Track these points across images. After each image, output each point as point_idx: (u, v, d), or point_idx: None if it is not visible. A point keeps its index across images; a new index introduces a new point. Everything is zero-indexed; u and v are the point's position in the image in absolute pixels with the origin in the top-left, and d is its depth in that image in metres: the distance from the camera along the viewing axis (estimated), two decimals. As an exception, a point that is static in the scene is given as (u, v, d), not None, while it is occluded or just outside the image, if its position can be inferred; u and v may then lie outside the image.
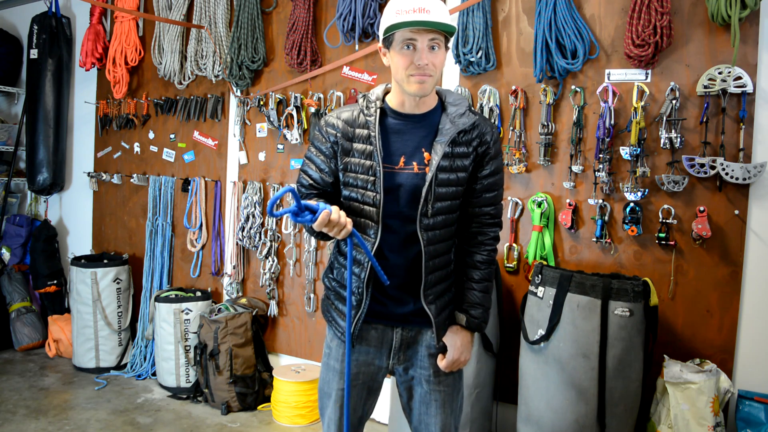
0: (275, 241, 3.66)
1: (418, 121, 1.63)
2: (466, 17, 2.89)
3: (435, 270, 1.64)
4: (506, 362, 2.81)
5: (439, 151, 1.57)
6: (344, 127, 1.64)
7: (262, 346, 3.57)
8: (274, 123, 3.55)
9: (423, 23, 1.47)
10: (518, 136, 2.85)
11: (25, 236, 4.64)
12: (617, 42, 2.65)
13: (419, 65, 1.50)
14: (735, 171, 2.34)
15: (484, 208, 1.68)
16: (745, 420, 2.30)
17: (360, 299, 1.64)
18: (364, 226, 1.62)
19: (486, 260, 1.70)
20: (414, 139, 1.62)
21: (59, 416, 3.26)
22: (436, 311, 1.65)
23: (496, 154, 1.66)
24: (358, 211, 1.62)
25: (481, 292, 1.69)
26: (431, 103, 1.64)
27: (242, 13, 3.57)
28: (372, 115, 1.61)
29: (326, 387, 1.78)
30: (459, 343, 1.67)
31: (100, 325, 3.94)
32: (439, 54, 1.54)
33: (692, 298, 2.52)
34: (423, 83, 1.53)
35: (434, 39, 1.51)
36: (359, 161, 1.61)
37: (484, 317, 1.70)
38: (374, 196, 1.59)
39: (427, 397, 1.72)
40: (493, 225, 1.71)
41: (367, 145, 1.60)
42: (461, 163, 1.61)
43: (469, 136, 1.62)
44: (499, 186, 1.70)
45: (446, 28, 1.50)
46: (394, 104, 1.64)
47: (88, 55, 4.27)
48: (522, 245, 2.89)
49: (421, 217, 1.58)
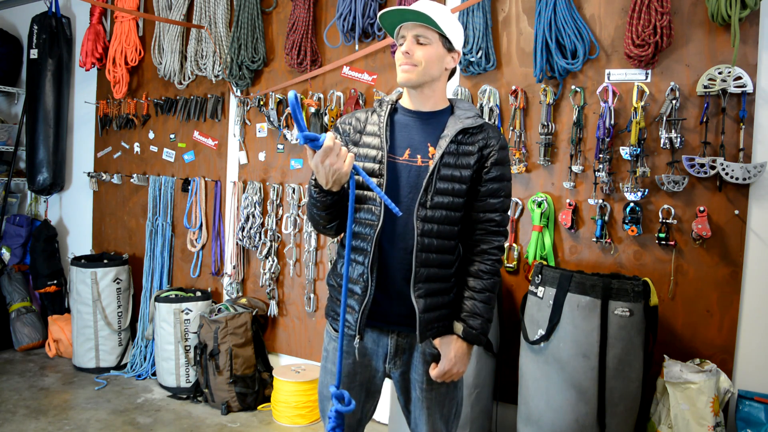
0: (275, 241, 3.66)
1: (426, 119, 1.69)
2: (466, 17, 2.89)
3: (428, 265, 1.63)
4: (506, 362, 2.81)
5: (443, 145, 1.62)
6: (356, 123, 1.74)
7: (262, 346, 3.57)
8: (274, 123, 3.55)
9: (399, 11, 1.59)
10: (518, 136, 2.85)
11: (25, 236, 4.64)
12: (617, 42, 2.65)
13: (402, 52, 1.62)
14: (735, 171, 2.34)
15: (489, 214, 1.67)
16: (745, 420, 2.30)
17: (365, 285, 1.64)
18: (366, 212, 1.64)
19: (489, 270, 1.67)
20: (421, 134, 1.67)
21: (59, 416, 3.26)
22: (423, 307, 1.62)
23: (501, 161, 1.68)
24: (362, 199, 1.65)
25: (481, 302, 1.65)
26: (439, 104, 1.71)
27: (242, 13, 3.57)
28: (383, 111, 1.70)
29: (325, 390, 1.78)
30: (452, 354, 1.64)
31: (100, 325, 3.94)
32: (426, 48, 1.62)
33: (692, 298, 2.52)
34: (406, 72, 1.62)
35: (421, 33, 1.61)
36: (366, 151, 1.66)
37: (483, 329, 1.65)
38: (377, 182, 1.62)
39: (420, 404, 1.73)
40: (498, 234, 1.69)
41: (375, 137, 1.67)
42: (465, 161, 1.64)
43: (475, 137, 1.66)
44: (505, 194, 1.69)
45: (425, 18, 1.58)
46: (405, 103, 1.73)
47: (88, 55, 4.27)
48: (522, 245, 2.89)
49: (419, 206, 1.60)
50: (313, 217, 1.66)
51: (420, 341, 1.64)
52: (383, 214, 1.62)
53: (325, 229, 1.69)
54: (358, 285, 1.65)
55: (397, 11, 1.60)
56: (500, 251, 1.70)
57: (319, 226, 1.69)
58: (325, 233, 1.74)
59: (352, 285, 1.67)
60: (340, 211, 1.62)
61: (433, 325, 1.65)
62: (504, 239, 1.71)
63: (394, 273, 1.64)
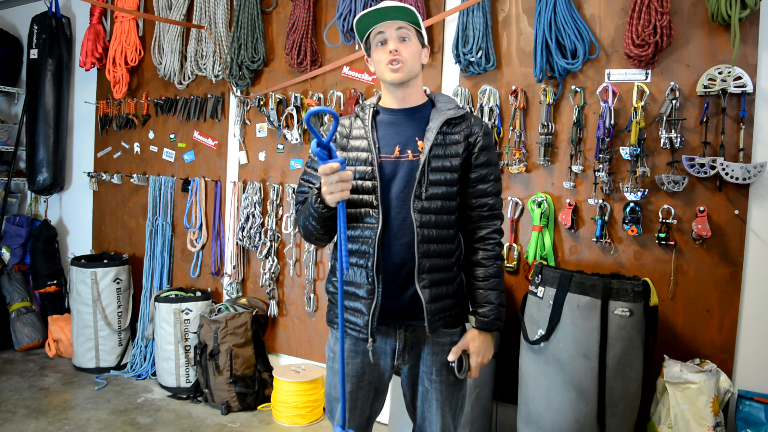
0: (275, 241, 3.66)
1: (409, 115, 1.74)
2: (466, 17, 2.89)
3: (429, 255, 1.66)
4: (506, 362, 2.81)
5: (431, 137, 1.66)
6: (342, 129, 1.78)
7: (262, 346, 3.57)
8: (274, 123, 3.55)
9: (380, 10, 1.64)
10: (518, 136, 2.85)
11: (25, 236, 4.65)
12: (617, 42, 2.65)
13: (391, 51, 1.65)
14: (735, 171, 2.34)
15: (481, 199, 1.72)
16: (745, 420, 2.30)
17: (372, 288, 1.65)
18: (364, 216, 1.66)
19: (491, 255, 1.72)
20: (407, 130, 1.71)
21: (59, 416, 3.26)
22: (429, 297, 1.65)
23: (487, 146, 1.73)
24: (357, 202, 1.67)
25: (488, 289, 1.71)
26: (419, 99, 1.76)
27: (242, 13, 3.57)
28: (367, 115, 1.74)
29: (333, 391, 1.80)
30: (476, 347, 1.71)
31: (100, 325, 3.94)
32: (410, 45, 1.68)
33: (692, 298, 2.52)
34: (396, 70, 1.66)
35: (401, 29, 1.67)
36: (356, 155, 1.70)
37: (496, 314, 1.70)
38: (372, 184, 1.65)
39: (429, 395, 1.75)
40: (493, 217, 1.74)
41: (362, 140, 1.71)
42: (453, 150, 1.68)
43: (459, 126, 1.72)
44: (495, 178, 1.74)
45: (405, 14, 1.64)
46: (385, 104, 1.78)
47: (88, 55, 4.27)
48: (522, 245, 2.89)
49: (415, 199, 1.64)
50: (307, 228, 1.67)
51: (430, 332, 1.67)
52: (382, 216, 1.63)
53: (318, 239, 1.70)
54: (363, 288, 1.66)
55: (377, 11, 1.64)
56: (499, 234, 1.75)
57: (311, 237, 1.70)
58: (316, 244, 1.76)
59: (355, 289, 1.68)
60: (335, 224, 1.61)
61: (440, 314, 1.69)
62: (500, 222, 1.76)
63: (396, 270, 1.66)
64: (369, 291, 1.65)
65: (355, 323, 1.69)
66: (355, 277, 1.68)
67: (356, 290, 1.68)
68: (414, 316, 1.69)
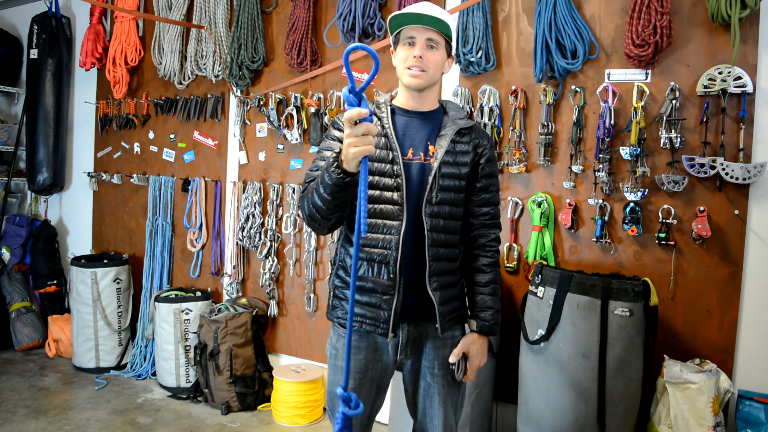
0: (275, 241, 3.66)
1: (423, 118, 1.76)
2: (466, 17, 2.89)
3: (439, 259, 1.70)
4: (506, 362, 2.81)
5: (444, 144, 1.70)
6: None
7: (262, 346, 3.57)
8: (274, 123, 3.55)
9: (416, 15, 1.63)
10: (518, 136, 2.85)
11: (25, 236, 4.64)
12: (617, 42, 2.65)
13: (415, 56, 1.66)
14: (735, 171, 2.34)
15: (483, 208, 1.80)
16: (745, 420, 2.30)
17: (393, 285, 1.66)
18: (386, 212, 1.66)
19: (491, 262, 1.80)
20: (420, 133, 1.74)
21: (59, 416, 3.26)
22: (440, 299, 1.70)
23: (492, 158, 1.81)
24: (376, 198, 1.67)
25: (489, 295, 1.78)
26: (433, 104, 1.79)
27: (242, 13, 3.57)
28: (384, 112, 1.74)
29: (335, 388, 1.79)
30: (475, 351, 1.76)
31: (100, 325, 3.94)
32: (436, 53, 1.68)
33: (692, 298, 2.52)
34: (416, 76, 1.67)
35: (432, 39, 1.67)
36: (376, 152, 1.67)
37: (495, 319, 1.77)
38: (396, 182, 1.66)
39: (431, 390, 1.78)
40: (493, 226, 1.82)
41: (381, 137, 1.70)
42: (462, 159, 1.74)
43: (467, 136, 1.77)
44: (495, 189, 1.83)
45: (439, 24, 1.64)
46: (400, 103, 1.78)
47: (88, 55, 4.27)
48: (522, 245, 2.89)
49: (426, 203, 1.67)
50: (315, 205, 1.55)
51: (441, 333, 1.73)
52: (407, 214, 1.66)
53: (323, 219, 1.59)
54: (382, 284, 1.68)
55: (414, 15, 1.64)
56: (497, 242, 1.83)
57: (316, 216, 1.58)
58: (319, 229, 1.66)
59: (372, 284, 1.69)
60: (345, 204, 1.55)
61: (450, 316, 1.76)
62: (498, 230, 1.84)
63: (408, 269, 1.70)
64: (388, 287, 1.67)
65: (372, 318, 1.69)
66: (372, 273, 1.69)
67: (374, 286, 1.68)
68: (416, 314, 1.73)
